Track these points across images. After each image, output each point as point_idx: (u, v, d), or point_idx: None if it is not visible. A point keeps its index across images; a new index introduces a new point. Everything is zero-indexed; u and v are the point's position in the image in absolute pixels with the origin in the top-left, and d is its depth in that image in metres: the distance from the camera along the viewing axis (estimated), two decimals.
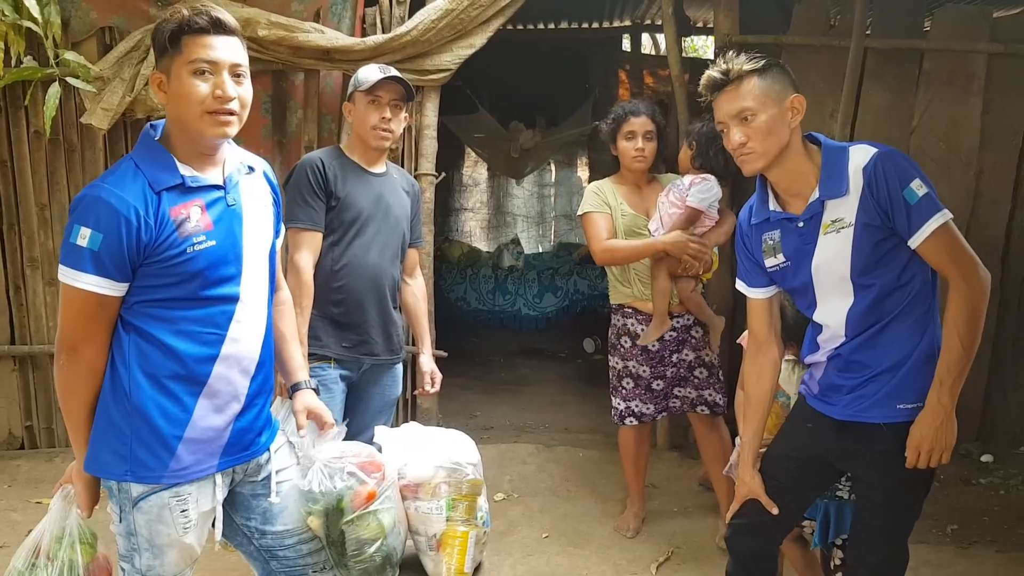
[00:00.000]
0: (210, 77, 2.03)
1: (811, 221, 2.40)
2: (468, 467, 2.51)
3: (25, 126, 4.71)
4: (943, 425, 2.28)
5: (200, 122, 2.03)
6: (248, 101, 2.11)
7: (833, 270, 2.38)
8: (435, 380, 3.50)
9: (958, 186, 4.83)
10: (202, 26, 2.01)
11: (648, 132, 3.78)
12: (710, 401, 3.93)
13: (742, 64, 2.36)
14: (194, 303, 2.07)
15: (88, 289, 1.97)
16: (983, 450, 5.03)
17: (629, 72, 9.10)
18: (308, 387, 2.45)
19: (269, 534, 2.30)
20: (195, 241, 2.03)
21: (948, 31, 4.78)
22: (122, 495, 2.09)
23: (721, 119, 2.42)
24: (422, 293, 3.61)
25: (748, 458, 2.66)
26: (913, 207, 2.25)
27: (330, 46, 4.46)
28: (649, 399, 3.94)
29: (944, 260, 2.28)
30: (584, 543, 3.99)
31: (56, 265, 4.74)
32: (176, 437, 2.06)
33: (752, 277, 2.64)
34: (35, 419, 5.02)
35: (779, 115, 2.35)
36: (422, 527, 2.49)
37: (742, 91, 2.35)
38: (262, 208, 2.27)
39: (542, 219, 11.82)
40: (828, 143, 2.43)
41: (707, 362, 3.93)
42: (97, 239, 1.94)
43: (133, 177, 2.02)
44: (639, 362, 3.91)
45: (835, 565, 2.91)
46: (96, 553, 2.30)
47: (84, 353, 2.02)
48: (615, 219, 3.85)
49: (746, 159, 2.40)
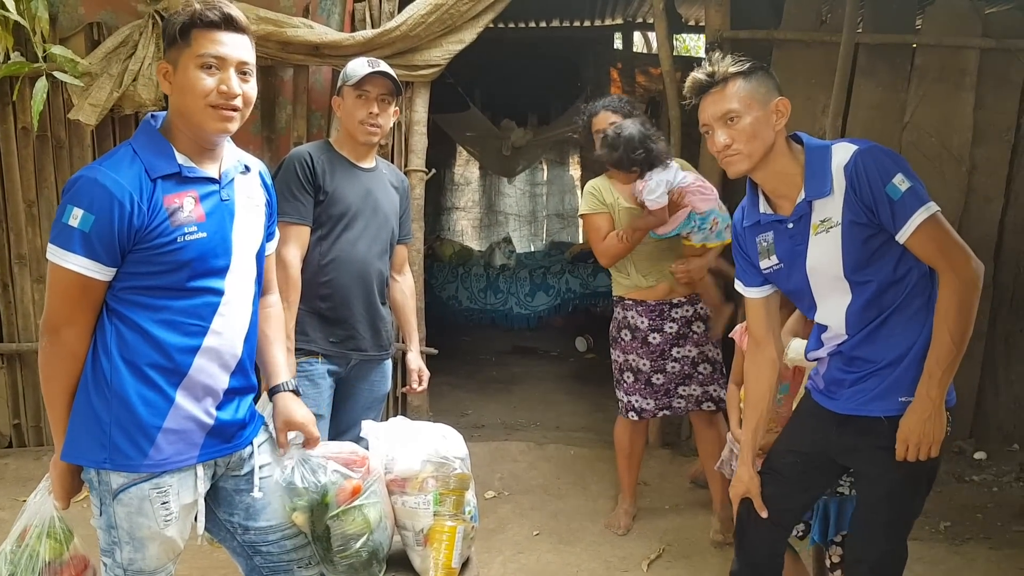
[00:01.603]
0: (216, 72, 2.04)
1: (800, 222, 2.40)
2: (456, 461, 2.48)
3: (12, 122, 4.67)
4: (931, 418, 2.27)
5: (202, 115, 2.04)
6: (252, 99, 2.12)
7: (827, 270, 2.38)
8: (422, 377, 3.49)
9: (950, 182, 4.83)
10: (213, 21, 2.03)
11: (612, 125, 3.75)
12: (715, 397, 3.90)
13: (728, 66, 2.37)
14: (180, 293, 2.05)
15: (75, 270, 1.95)
16: (976, 447, 5.02)
17: (621, 70, 9.10)
18: (287, 389, 2.39)
19: (252, 530, 2.28)
20: (186, 231, 2.03)
21: (940, 26, 4.78)
22: (102, 487, 2.06)
23: (706, 121, 2.42)
24: (410, 290, 3.58)
25: (747, 457, 2.65)
26: (897, 202, 2.23)
27: (319, 41, 4.44)
28: (649, 394, 3.91)
29: (932, 253, 2.27)
30: (575, 540, 3.98)
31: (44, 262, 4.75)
32: (156, 427, 2.04)
33: (748, 276, 2.63)
34: (23, 417, 4.99)
35: (764, 118, 2.34)
36: (409, 522, 2.46)
37: (727, 93, 2.35)
38: (254, 208, 2.26)
39: (534, 218, 11.82)
40: (810, 142, 2.42)
41: (710, 357, 3.91)
42: (89, 220, 1.93)
43: (130, 162, 2.02)
44: (639, 355, 3.90)
45: (832, 563, 2.89)
46: (65, 551, 2.23)
47: (65, 336, 2.01)
48: (615, 215, 3.83)
49: (731, 161, 2.39)
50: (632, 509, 4.17)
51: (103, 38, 4.55)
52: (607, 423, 5.68)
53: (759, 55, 4.77)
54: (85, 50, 4.51)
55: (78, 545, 2.30)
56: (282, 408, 2.36)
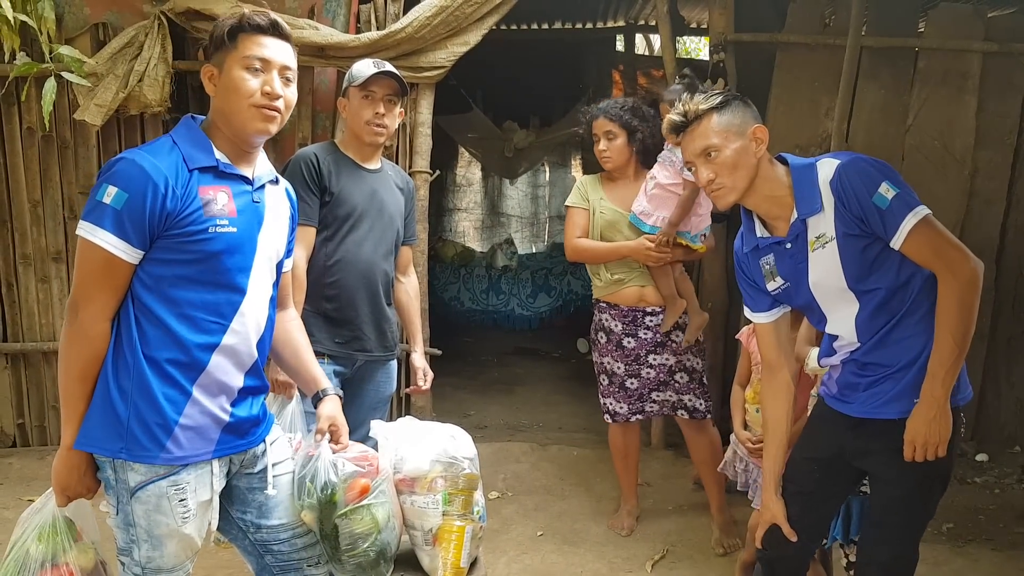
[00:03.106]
0: (260, 74, 2.11)
1: (797, 241, 2.42)
2: (465, 461, 2.48)
3: (18, 122, 4.68)
4: (936, 418, 2.28)
5: (246, 114, 2.10)
6: (292, 104, 2.20)
7: (830, 284, 2.40)
8: (427, 377, 3.50)
9: (953, 185, 4.83)
10: (260, 25, 2.12)
11: (608, 132, 3.80)
12: (690, 407, 3.92)
13: (699, 104, 2.41)
14: (204, 286, 2.08)
15: (102, 246, 1.97)
16: (977, 449, 5.04)
17: (623, 72, 9.10)
18: (333, 393, 2.47)
19: (264, 528, 2.30)
20: (218, 223, 2.07)
21: (943, 30, 4.79)
22: (119, 485, 2.07)
23: (688, 159, 2.46)
24: (415, 291, 3.59)
25: (770, 484, 2.66)
26: (885, 211, 2.25)
27: (324, 43, 4.45)
28: (623, 398, 3.94)
29: (928, 256, 2.28)
30: (579, 541, 3.99)
31: (48, 262, 4.77)
32: (173, 420, 2.05)
33: (755, 302, 2.65)
34: (27, 417, 5.00)
35: (743, 148, 2.38)
36: (418, 521, 2.47)
37: (703, 129, 2.39)
38: (280, 218, 2.31)
39: (536, 219, 11.81)
40: (795, 162, 2.45)
41: (688, 367, 3.91)
42: (122, 198, 1.96)
43: (169, 151, 2.08)
44: (613, 358, 3.93)
45: (850, 562, 2.90)
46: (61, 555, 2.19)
47: (82, 316, 2.01)
48: (593, 216, 3.87)
49: (718, 195, 2.43)
50: (635, 510, 4.18)
51: (108, 39, 4.56)
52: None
53: (762, 58, 4.82)
54: (91, 51, 4.52)
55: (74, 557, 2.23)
56: (332, 409, 2.44)
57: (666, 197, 3.70)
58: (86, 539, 2.28)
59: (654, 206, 3.72)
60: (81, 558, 2.24)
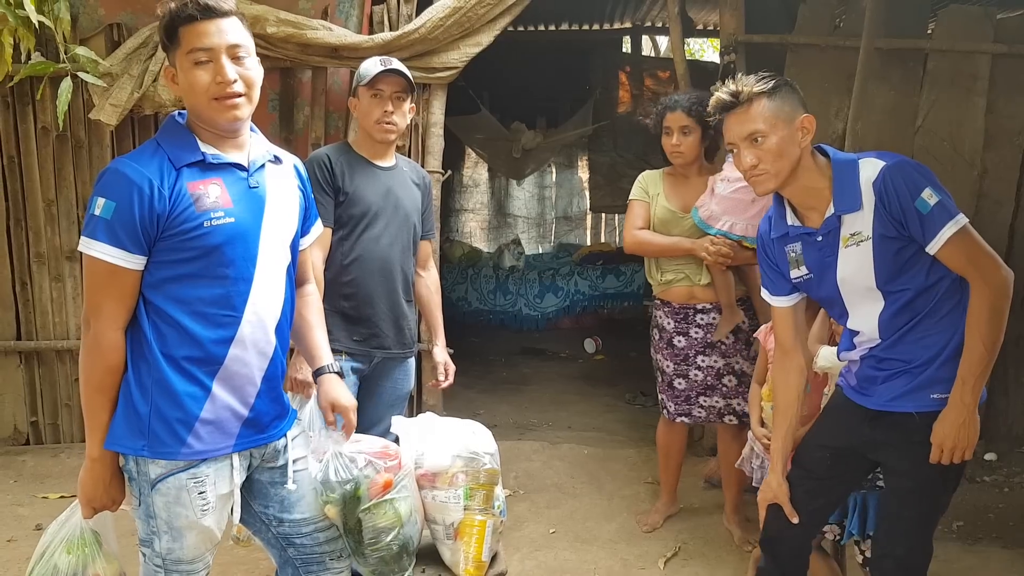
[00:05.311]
0: (209, 64, 2.05)
1: (829, 235, 2.42)
2: (486, 457, 2.52)
3: (33, 122, 4.71)
4: (966, 423, 2.30)
5: (209, 109, 2.07)
6: (254, 79, 2.12)
7: (858, 281, 2.40)
8: (448, 371, 3.51)
9: (961, 186, 4.83)
10: (191, 14, 2.03)
11: (684, 127, 3.68)
12: (739, 411, 3.84)
13: (752, 85, 2.36)
14: (212, 281, 2.08)
15: (100, 258, 1.99)
16: (987, 448, 5.03)
17: (629, 74, 9.13)
18: (331, 371, 2.44)
19: (287, 522, 2.32)
20: (213, 216, 2.05)
21: (952, 32, 4.80)
22: (140, 477, 2.09)
23: (731, 140, 2.43)
24: (435, 285, 3.59)
25: (777, 465, 2.67)
26: (926, 216, 2.26)
27: (338, 43, 4.47)
28: (670, 397, 3.92)
29: (963, 264, 2.30)
30: (591, 538, 4.01)
31: (63, 261, 4.79)
32: (194, 417, 2.07)
33: (775, 286, 2.65)
34: (40, 415, 5.03)
35: (789, 136, 2.36)
36: (439, 516, 2.50)
37: (752, 113, 2.36)
38: (287, 196, 2.28)
39: (542, 220, 11.83)
40: (837, 156, 2.44)
41: (736, 370, 3.84)
42: (110, 208, 1.97)
43: (152, 153, 2.07)
44: (664, 356, 3.91)
45: (866, 557, 2.91)
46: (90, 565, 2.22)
47: (94, 326, 2.04)
48: (652, 209, 3.83)
49: (758, 180, 2.41)
50: (665, 509, 4.17)
51: (123, 39, 4.59)
52: (618, 423, 5.75)
53: (773, 59, 4.84)
54: (105, 51, 4.55)
55: (102, 567, 2.26)
56: (328, 389, 2.41)
57: (738, 200, 3.56)
58: (108, 550, 2.30)
59: (722, 209, 3.60)
60: (108, 569, 2.26)
